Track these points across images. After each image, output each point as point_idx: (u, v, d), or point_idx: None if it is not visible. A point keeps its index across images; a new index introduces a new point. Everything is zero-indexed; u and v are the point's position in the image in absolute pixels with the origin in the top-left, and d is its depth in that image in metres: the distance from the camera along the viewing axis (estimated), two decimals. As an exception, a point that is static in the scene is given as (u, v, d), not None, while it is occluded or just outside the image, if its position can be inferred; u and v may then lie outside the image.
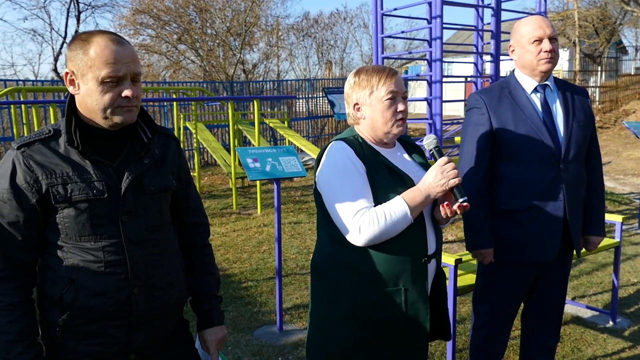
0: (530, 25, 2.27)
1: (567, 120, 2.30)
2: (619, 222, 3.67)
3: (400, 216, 1.67)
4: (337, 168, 1.75)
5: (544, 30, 2.24)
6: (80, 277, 1.44)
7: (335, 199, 1.74)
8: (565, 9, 20.68)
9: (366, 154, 1.78)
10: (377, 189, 1.73)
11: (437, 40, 5.38)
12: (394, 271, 1.73)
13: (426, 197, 1.69)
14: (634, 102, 17.28)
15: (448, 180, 1.67)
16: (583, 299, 4.18)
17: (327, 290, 1.82)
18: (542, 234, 2.32)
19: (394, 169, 1.77)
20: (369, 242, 1.69)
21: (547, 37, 2.23)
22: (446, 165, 1.69)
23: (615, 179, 9.82)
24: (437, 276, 1.87)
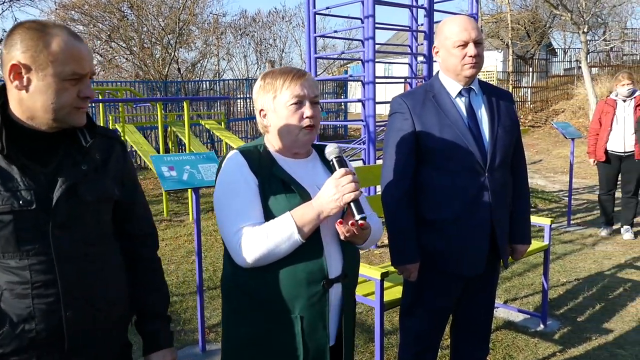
0: (456, 27, 2.12)
1: (493, 126, 2.19)
2: (548, 224, 3.66)
3: (285, 236, 1.50)
4: (226, 182, 1.60)
5: (469, 33, 2.10)
6: (4, 300, 1.27)
7: (220, 215, 1.59)
8: (499, 11, 21.32)
9: (263, 166, 1.61)
10: (269, 205, 1.57)
11: (370, 41, 5.27)
12: (289, 296, 1.56)
13: (318, 214, 1.52)
14: (562, 102, 17.98)
15: (343, 195, 1.49)
16: (515, 301, 4.16)
17: (227, 312, 1.69)
18: (469, 245, 2.21)
19: (290, 182, 1.59)
20: (254, 264, 1.53)
21: (472, 41, 2.11)
22: (342, 178, 1.50)
23: (546, 177, 10.12)
24: (345, 303, 1.68)
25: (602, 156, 5.88)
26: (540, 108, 18.55)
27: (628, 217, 5.91)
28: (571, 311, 3.96)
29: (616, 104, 5.81)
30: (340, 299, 1.65)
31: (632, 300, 4.13)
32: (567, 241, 5.75)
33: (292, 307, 1.57)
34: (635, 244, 5.61)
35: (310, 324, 1.58)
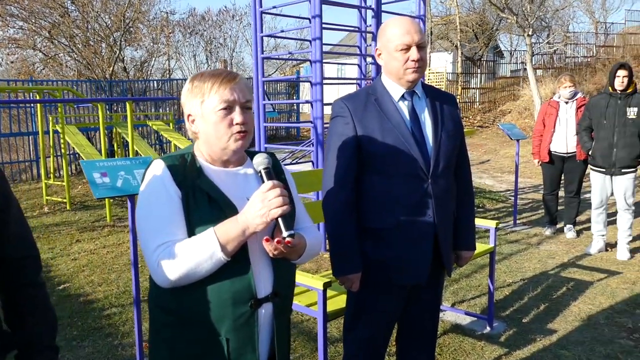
0: (398, 30, 2.04)
1: (436, 130, 2.13)
2: (493, 227, 3.66)
3: (207, 254, 1.39)
4: (147, 195, 1.48)
5: (412, 36, 2.02)
6: None
7: (140, 231, 1.46)
8: (448, 14, 21.71)
9: (188, 176, 1.48)
10: (192, 219, 1.45)
11: (317, 41, 5.19)
12: (214, 317, 1.45)
13: (243, 231, 1.40)
14: (509, 103, 18.46)
15: (269, 211, 1.38)
16: (462, 304, 4.16)
17: (151, 333, 1.57)
18: (412, 253, 2.14)
19: (215, 195, 1.47)
20: (174, 284, 1.41)
21: (415, 45, 2.03)
22: (269, 192, 1.39)
23: (494, 177, 10.31)
24: (277, 323, 1.57)
25: (546, 157, 6.00)
26: (488, 109, 18.99)
27: (571, 216, 6.06)
28: (517, 312, 3.99)
29: (559, 105, 5.94)
30: (271, 319, 1.54)
31: (574, 299, 4.20)
32: (513, 241, 5.84)
33: (218, 329, 1.46)
34: (577, 243, 5.75)
35: (237, 346, 1.47)
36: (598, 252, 5.37)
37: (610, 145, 5.09)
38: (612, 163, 5.11)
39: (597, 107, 5.20)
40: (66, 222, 6.89)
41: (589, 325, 3.76)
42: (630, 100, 5.04)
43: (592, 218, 5.47)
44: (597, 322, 3.81)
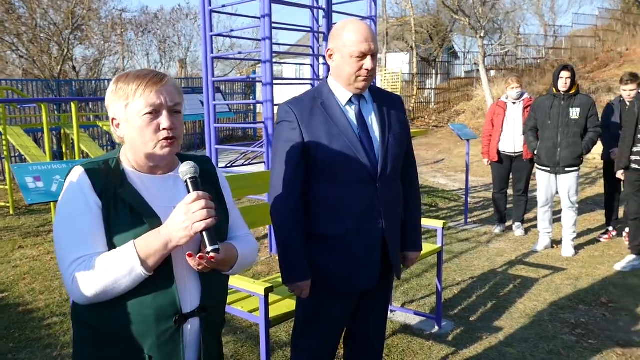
0: (356, 36, 2.00)
1: (384, 134, 2.12)
2: (440, 227, 3.68)
3: (126, 270, 1.32)
4: (64, 205, 1.39)
5: (369, 45, 2.00)
6: None
7: (56, 242, 1.38)
8: (404, 15, 21.98)
9: (109, 184, 1.40)
10: (112, 231, 1.37)
11: (267, 41, 5.13)
12: (136, 334, 1.38)
13: (166, 244, 1.33)
14: (463, 103, 18.83)
15: (192, 224, 1.31)
16: (412, 304, 4.18)
17: (74, 347, 1.49)
18: (362, 259, 2.13)
19: (137, 205, 1.40)
20: (90, 300, 1.33)
21: (371, 54, 2.02)
22: (193, 204, 1.32)
23: (447, 176, 10.47)
24: (205, 339, 1.50)
25: (495, 156, 6.11)
26: (443, 109, 19.31)
27: (519, 214, 6.19)
28: (465, 311, 4.04)
29: (506, 106, 6.06)
30: (198, 334, 1.47)
31: (520, 296, 4.29)
32: (464, 240, 5.92)
33: (141, 346, 1.39)
34: (525, 240, 5.88)
35: None
36: (544, 249, 5.51)
37: (555, 144, 5.22)
38: (556, 162, 5.24)
39: (542, 108, 5.32)
40: (9, 227, 6.60)
41: (533, 322, 3.83)
42: (573, 101, 5.18)
43: (538, 216, 5.61)
44: (541, 318, 3.89)
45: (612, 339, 3.58)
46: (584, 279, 4.65)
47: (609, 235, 5.85)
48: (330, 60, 2.11)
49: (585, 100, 5.20)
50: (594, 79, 17.72)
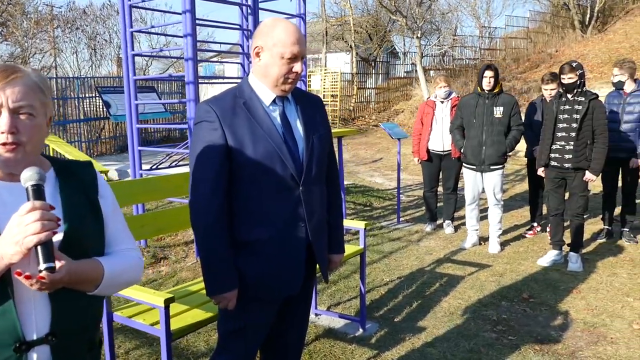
0: (288, 37, 1.91)
1: (308, 136, 2.04)
2: (362, 228, 3.62)
3: None
4: None
5: (301, 48, 1.93)
6: None
7: None
8: (343, 14, 22.07)
9: None
10: None
11: (189, 38, 4.93)
12: None
13: None
14: (402, 103, 19.10)
15: (24, 238, 1.14)
16: (338, 306, 4.11)
17: None
18: (287, 265, 2.05)
19: None
20: None
21: (301, 57, 1.95)
22: (27, 216, 1.15)
23: (384, 175, 10.53)
24: None
25: (425, 155, 6.15)
26: (383, 108, 19.52)
27: (449, 212, 6.26)
28: (390, 312, 4.00)
29: (435, 105, 6.11)
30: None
31: (446, 295, 4.30)
32: (395, 239, 5.92)
33: None
34: (454, 238, 5.94)
35: None
36: (472, 246, 5.58)
37: (480, 143, 5.29)
38: (481, 160, 5.31)
39: (467, 107, 5.38)
40: None
41: (457, 320, 3.84)
42: (497, 100, 5.26)
43: (466, 214, 5.68)
44: (465, 316, 3.91)
45: (531, 334, 3.63)
46: (508, 275, 4.72)
47: (534, 231, 6.00)
48: (256, 58, 1.99)
49: (508, 100, 5.30)
50: (526, 79, 18.39)
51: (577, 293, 4.32)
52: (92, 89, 13.64)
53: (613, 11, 23.35)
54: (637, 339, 3.52)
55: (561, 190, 4.93)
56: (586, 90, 4.70)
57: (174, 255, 5.37)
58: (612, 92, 5.59)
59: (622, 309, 4.00)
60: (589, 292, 4.32)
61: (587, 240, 5.69)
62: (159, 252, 5.47)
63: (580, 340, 3.55)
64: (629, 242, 5.57)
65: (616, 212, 5.92)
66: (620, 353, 3.35)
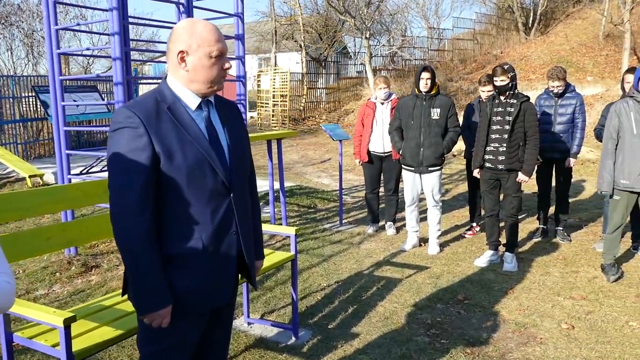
0: (211, 35, 1.85)
1: (233, 141, 1.97)
2: (293, 234, 3.53)
3: None
4: None
5: (224, 44, 1.88)
6: None
7: None
8: (292, 14, 21.96)
9: None
10: None
11: (117, 36, 4.72)
12: None
13: None
14: (352, 103, 19.17)
15: None
16: (272, 314, 4.00)
17: None
18: (220, 275, 1.97)
19: None
20: None
21: (226, 53, 1.91)
22: None
23: (332, 176, 10.49)
24: None
25: (366, 157, 6.12)
26: (333, 108, 19.53)
27: (390, 214, 6.25)
28: (325, 318, 3.92)
29: (375, 106, 6.08)
30: None
31: (382, 299, 4.25)
32: (337, 241, 5.86)
33: None
34: (396, 239, 5.94)
35: None
36: (412, 247, 5.58)
37: (418, 144, 5.29)
38: (419, 162, 5.32)
39: (405, 108, 5.38)
40: None
41: (391, 325, 3.79)
42: (434, 102, 5.27)
43: (406, 215, 5.67)
44: (399, 320, 3.87)
45: (463, 337, 3.62)
46: (445, 277, 4.73)
47: (473, 231, 6.06)
48: (181, 64, 1.87)
49: (445, 101, 5.32)
50: (472, 79, 18.78)
51: (511, 293, 4.36)
52: (28, 88, 13.04)
53: (554, 14, 24.17)
54: (564, 339, 3.57)
55: (496, 191, 4.99)
56: (518, 93, 4.76)
57: (106, 263, 5.14)
58: (542, 95, 5.71)
59: (553, 308, 4.06)
60: (522, 292, 4.37)
61: (523, 239, 5.80)
62: (90, 260, 5.23)
63: (511, 341, 3.57)
64: (563, 241, 5.70)
65: (551, 212, 6.05)
66: (548, 354, 3.38)
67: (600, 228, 5.98)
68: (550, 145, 5.52)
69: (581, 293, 4.34)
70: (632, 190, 4.35)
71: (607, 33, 18.90)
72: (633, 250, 5.31)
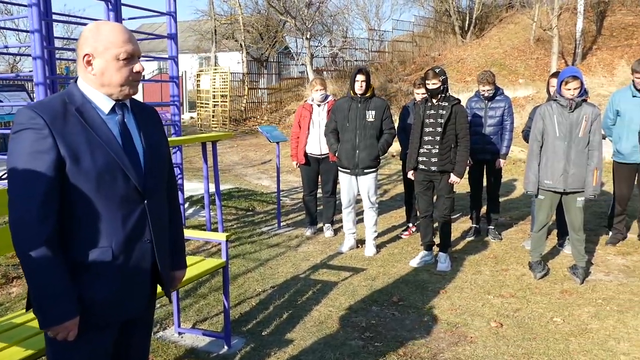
0: (119, 36, 1.78)
1: (149, 146, 1.90)
2: (224, 240, 3.44)
3: None
4: None
5: (134, 46, 1.82)
6: None
7: None
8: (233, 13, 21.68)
9: None
10: None
11: (36, 34, 4.47)
12: None
13: None
14: (294, 103, 19.13)
15: None
16: (204, 322, 3.89)
17: None
18: (131, 286, 1.88)
19: None
20: None
21: (137, 56, 1.83)
22: None
23: (272, 177, 10.40)
24: None
25: (303, 159, 6.08)
26: (275, 109, 19.43)
27: (328, 216, 6.24)
28: (259, 325, 3.85)
29: (312, 108, 6.06)
30: None
31: (317, 303, 4.22)
32: (274, 245, 5.79)
33: None
34: (333, 241, 5.93)
35: None
36: (349, 249, 5.59)
37: (354, 147, 5.30)
38: (355, 164, 5.33)
39: (340, 110, 5.38)
40: None
41: (325, 330, 3.77)
42: (369, 104, 5.30)
43: (343, 217, 5.68)
44: (334, 324, 3.85)
45: (397, 339, 3.64)
46: (380, 279, 4.76)
47: (409, 231, 6.14)
48: (88, 67, 1.79)
49: (380, 103, 5.36)
50: (411, 81, 19.15)
51: (444, 293, 4.43)
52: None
53: (489, 18, 25.04)
54: (493, 337, 3.65)
55: (429, 192, 5.06)
56: (449, 96, 4.85)
57: (28, 274, 4.85)
58: (473, 97, 5.86)
59: (483, 307, 4.16)
60: (455, 292, 4.46)
61: (456, 238, 5.93)
62: (11, 271, 4.93)
63: (443, 341, 3.62)
64: (494, 239, 5.87)
65: (483, 211, 6.22)
66: (477, 353, 3.45)
67: (529, 226, 6.20)
68: (481, 147, 5.67)
69: (510, 291, 4.47)
70: (555, 190, 4.52)
71: (537, 37, 19.75)
72: (559, 247, 5.53)
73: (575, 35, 17.84)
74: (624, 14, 20.29)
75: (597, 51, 18.36)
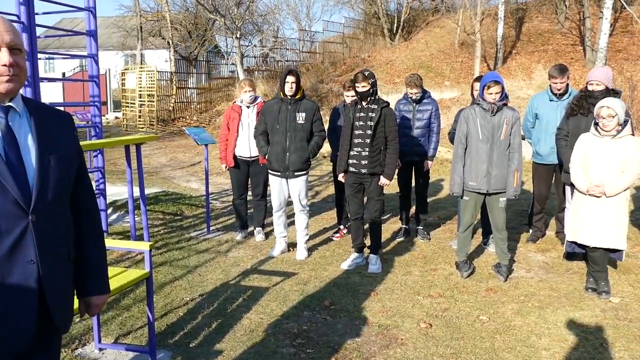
0: None
1: (42, 155, 1.71)
2: (147, 250, 3.27)
3: None
4: None
5: (2, 36, 1.61)
6: None
7: None
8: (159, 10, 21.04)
9: None
10: None
11: None
12: None
13: None
14: (224, 104, 18.82)
15: None
16: (128, 336, 3.70)
17: None
18: (10, 315, 1.66)
19: None
20: None
21: (7, 47, 1.62)
22: None
23: (202, 180, 10.14)
24: None
25: (232, 161, 5.95)
26: (205, 109, 19.03)
27: (259, 219, 6.14)
28: (186, 336, 3.70)
29: (241, 110, 5.93)
30: None
31: (248, 310, 4.12)
32: (203, 250, 5.62)
33: None
34: (264, 246, 5.83)
35: None
36: (281, 253, 5.51)
37: (284, 149, 5.23)
38: (286, 167, 5.26)
39: (270, 112, 5.29)
40: None
41: (256, 338, 3.67)
42: (299, 106, 5.25)
43: (274, 220, 5.59)
44: (265, 332, 3.76)
45: (329, 344, 3.60)
46: (312, 283, 4.72)
47: (340, 233, 6.15)
48: None
49: (310, 105, 5.32)
50: (342, 81, 19.32)
51: (375, 295, 4.45)
52: None
53: (416, 22, 25.73)
54: (423, 338, 3.70)
55: (360, 194, 5.08)
56: (379, 98, 4.88)
57: None
58: (401, 100, 5.95)
59: (413, 308, 4.21)
60: (385, 294, 4.49)
61: (387, 239, 6.00)
62: None
63: (374, 345, 3.62)
64: (423, 240, 5.99)
65: (413, 212, 6.33)
66: (408, 355, 3.48)
67: (456, 225, 6.37)
68: (410, 148, 5.77)
69: (438, 290, 4.55)
70: (479, 191, 4.66)
71: (461, 41, 20.48)
72: (484, 245, 5.72)
73: (496, 40, 18.67)
74: (540, 21, 21.47)
75: (516, 55, 19.31)
